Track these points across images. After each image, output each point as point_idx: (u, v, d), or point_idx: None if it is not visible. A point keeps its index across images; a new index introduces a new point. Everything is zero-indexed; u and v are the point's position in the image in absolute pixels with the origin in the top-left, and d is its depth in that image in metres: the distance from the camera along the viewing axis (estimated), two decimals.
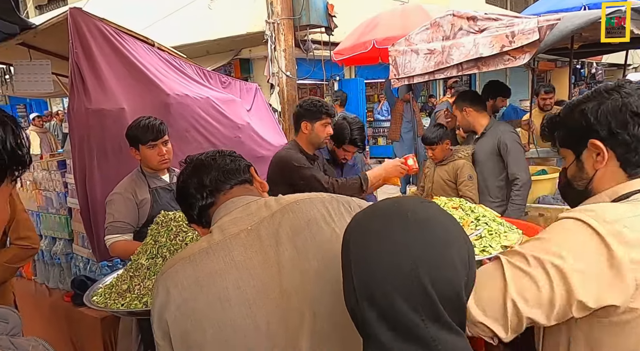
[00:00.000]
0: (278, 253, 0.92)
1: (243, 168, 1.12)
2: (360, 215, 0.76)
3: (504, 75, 12.80)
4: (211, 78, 3.48)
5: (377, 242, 0.69)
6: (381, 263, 0.67)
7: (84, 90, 2.46)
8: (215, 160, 1.11)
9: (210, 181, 1.06)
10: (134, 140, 2.20)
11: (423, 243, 0.67)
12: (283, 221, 0.96)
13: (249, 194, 1.07)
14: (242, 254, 0.92)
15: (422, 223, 0.69)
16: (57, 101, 11.90)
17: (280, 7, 4.73)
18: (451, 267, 0.68)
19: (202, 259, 0.93)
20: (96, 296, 1.69)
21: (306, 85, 9.69)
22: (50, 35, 2.88)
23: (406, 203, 0.73)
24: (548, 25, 2.49)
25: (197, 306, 0.88)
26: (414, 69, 3.16)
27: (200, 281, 0.90)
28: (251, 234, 0.95)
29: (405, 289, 0.65)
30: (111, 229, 2.16)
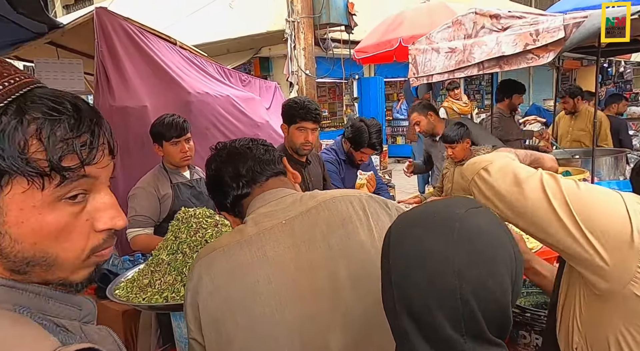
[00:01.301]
0: (311, 250, 0.92)
1: (277, 159, 1.09)
2: (404, 217, 0.72)
3: (527, 74, 12.54)
4: (231, 76, 3.52)
5: (419, 251, 0.65)
6: (422, 275, 0.64)
7: (109, 88, 2.52)
8: (250, 149, 1.07)
9: (247, 171, 1.04)
10: (158, 136, 2.25)
11: (469, 258, 0.63)
12: (319, 218, 0.95)
13: (284, 186, 1.06)
14: (274, 249, 0.92)
15: (470, 234, 0.64)
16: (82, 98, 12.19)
17: (301, 6, 4.74)
18: (499, 286, 0.63)
19: (235, 251, 0.94)
20: (118, 289, 1.73)
21: (325, 84, 9.69)
22: (76, 34, 2.96)
23: (456, 210, 0.67)
24: (574, 23, 2.43)
25: (229, 295, 0.90)
26: (433, 68, 3.12)
27: (233, 272, 0.91)
28: (285, 229, 0.95)
29: (447, 306, 0.62)
30: (133, 223, 2.21)
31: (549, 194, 0.87)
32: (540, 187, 0.89)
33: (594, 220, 0.83)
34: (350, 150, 2.85)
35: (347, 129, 2.85)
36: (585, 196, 0.87)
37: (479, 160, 1.04)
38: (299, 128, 2.13)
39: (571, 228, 0.84)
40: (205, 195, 2.47)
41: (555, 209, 0.85)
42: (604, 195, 0.88)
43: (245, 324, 0.88)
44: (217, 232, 1.71)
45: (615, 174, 3.65)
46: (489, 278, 0.63)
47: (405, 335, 0.66)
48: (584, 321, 0.90)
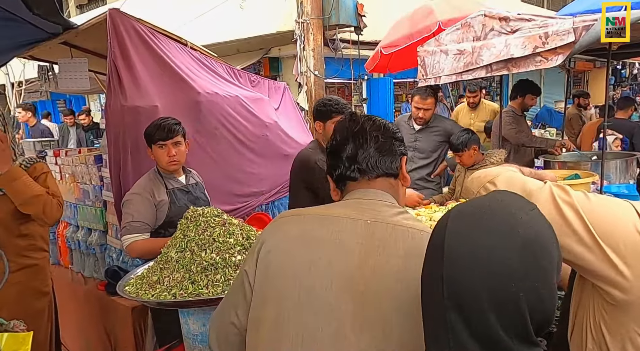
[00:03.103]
0: (378, 258, 0.93)
1: (397, 157, 1.07)
2: (460, 214, 0.71)
3: (538, 75, 12.41)
4: (241, 77, 3.55)
5: (481, 254, 0.65)
6: (481, 277, 0.64)
7: (120, 88, 2.56)
8: (377, 138, 1.05)
9: (363, 159, 1.04)
10: (147, 138, 2.22)
11: (528, 268, 0.64)
12: (403, 240, 0.95)
13: (389, 191, 1.05)
14: (349, 239, 0.95)
15: (532, 244, 0.65)
16: (94, 97, 12.36)
17: (310, 7, 4.76)
18: (549, 294, 0.65)
19: (313, 222, 1.00)
20: (128, 286, 1.77)
21: (334, 84, 9.69)
22: (90, 35, 3.01)
23: (514, 211, 0.67)
24: (584, 26, 2.43)
25: (291, 257, 0.96)
26: (442, 70, 3.13)
27: (304, 239, 0.98)
28: (366, 228, 0.97)
29: (503, 310, 0.63)
30: (130, 229, 2.13)
31: (561, 206, 0.86)
32: (551, 199, 0.88)
33: (610, 232, 0.82)
34: None
35: None
36: (598, 208, 0.86)
37: (485, 173, 1.06)
38: (334, 122, 2.27)
39: (588, 241, 0.83)
40: (201, 200, 2.42)
41: (570, 222, 0.84)
42: (615, 206, 0.87)
43: (290, 288, 0.94)
44: (225, 230, 1.75)
45: (625, 178, 3.62)
46: (543, 288, 0.64)
47: (450, 329, 0.66)
48: (598, 328, 0.89)
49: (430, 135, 3.59)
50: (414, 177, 3.62)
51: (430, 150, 3.61)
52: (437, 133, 3.60)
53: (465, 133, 3.05)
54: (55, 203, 2.16)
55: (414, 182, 3.62)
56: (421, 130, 3.59)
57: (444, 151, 3.69)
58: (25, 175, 2.09)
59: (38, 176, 2.21)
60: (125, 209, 2.20)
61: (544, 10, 11.75)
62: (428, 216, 2.11)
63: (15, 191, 2.06)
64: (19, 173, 2.07)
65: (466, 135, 3.01)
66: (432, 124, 3.58)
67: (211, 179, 2.86)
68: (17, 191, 2.06)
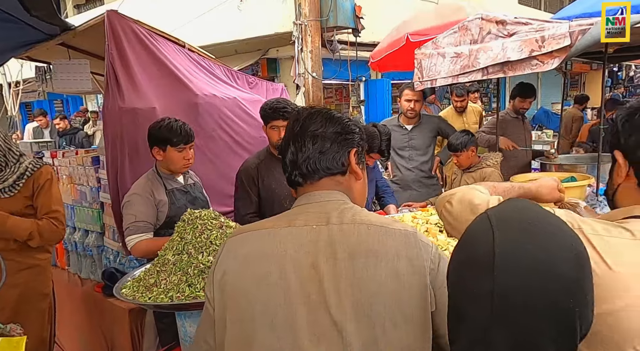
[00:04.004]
0: (327, 265, 0.90)
1: (341, 153, 1.00)
2: (508, 225, 0.65)
3: (536, 77, 12.46)
4: (238, 78, 3.56)
5: (538, 267, 0.61)
6: (539, 292, 0.60)
7: (118, 90, 2.56)
8: (316, 137, 0.99)
9: (303, 162, 0.99)
10: (163, 140, 2.21)
11: (581, 282, 0.63)
12: (348, 239, 0.91)
13: (337, 189, 1.01)
14: (297, 250, 0.92)
15: (582, 255, 0.64)
16: (91, 97, 12.34)
17: (308, 9, 4.77)
18: (592, 313, 0.65)
19: (260, 238, 0.97)
20: (125, 288, 1.77)
21: (332, 85, 9.71)
22: (87, 36, 3.01)
23: (564, 226, 0.66)
24: (580, 30, 2.44)
25: (242, 276, 0.94)
26: (438, 72, 3.14)
27: (250, 257, 0.95)
28: (313, 235, 0.93)
29: (557, 326, 0.61)
30: (134, 229, 2.13)
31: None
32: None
33: None
34: None
35: None
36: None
37: (446, 194, 1.08)
38: (271, 127, 2.31)
39: None
40: (200, 200, 2.44)
41: None
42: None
43: (245, 309, 0.92)
44: (222, 233, 1.75)
45: None
46: (591, 301, 0.64)
47: (488, 344, 0.63)
48: None
49: (423, 132, 3.70)
50: (417, 175, 3.69)
51: (426, 145, 3.73)
52: (428, 128, 3.73)
53: (465, 134, 3.08)
54: (48, 227, 2.19)
55: (417, 180, 3.67)
56: (414, 128, 3.65)
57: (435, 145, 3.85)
58: (8, 220, 2.10)
59: (41, 185, 2.22)
60: (127, 210, 2.20)
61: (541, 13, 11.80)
62: (424, 219, 2.11)
63: (4, 235, 2.13)
64: (1, 220, 2.09)
65: (466, 136, 3.04)
66: (422, 122, 3.70)
67: (209, 181, 2.87)
68: (5, 235, 2.13)
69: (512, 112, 4.12)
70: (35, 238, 2.16)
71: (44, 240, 2.20)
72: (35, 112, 8.98)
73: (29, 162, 2.23)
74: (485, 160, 3.07)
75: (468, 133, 3.12)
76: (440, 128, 3.80)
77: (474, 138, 3.13)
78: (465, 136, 3.03)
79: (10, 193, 2.14)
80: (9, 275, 2.10)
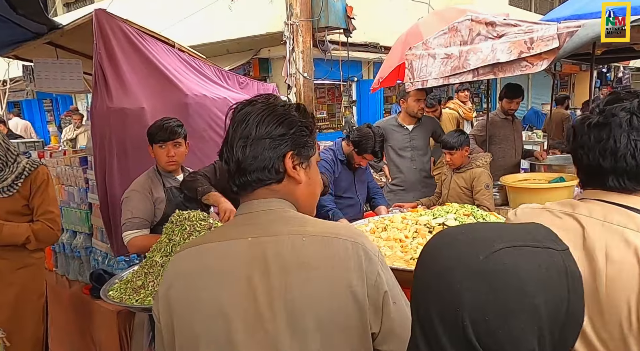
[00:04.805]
0: (261, 279, 0.86)
1: (274, 160, 0.91)
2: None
3: (526, 78, 12.58)
4: (229, 79, 3.54)
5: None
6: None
7: (106, 90, 2.53)
8: (245, 147, 0.91)
9: (235, 175, 0.93)
10: (149, 137, 2.27)
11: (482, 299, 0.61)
12: (281, 252, 0.87)
13: (276, 196, 0.94)
14: (232, 265, 0.89)
15: (493, 274, 0.61)
16: (81, 97, 12.21)
17: (300, 9, 4.76)
18: (512, 340, 0.58)
19: (202, 254, 0.93)
20: (112, 290, 1.75)
21: (324, 85, 9.71)
22: (75, 35, 2.98)
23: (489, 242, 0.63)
24: (568, 32, 2.46)
25: (182, 294, 0.91)
26: (429, 73, 3.15)
27: (192, 273, 0.91)
28: (247, 248, 0.89)
29: (451, 328, 0.59)
30: (130, 225, 2.18)
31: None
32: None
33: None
34: (351, 153, 2.88)
35: (352, 132, 2.89)
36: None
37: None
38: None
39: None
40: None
41: None
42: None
43: (187, 327, 0.90)
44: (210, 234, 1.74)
45: None
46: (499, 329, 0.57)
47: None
48: None
49: (423, 132, 3.72)
50: (420, 175, 3.72)
51: (425, 146, 3.76)
52: (427, 129, 3.75)
53: (460, 133, 3.11)
54: (43, 230, 2.22)
55: (421, 180, 3.69)
56: (415, 128, 3.66)
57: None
58: (4, 228, 2.12)
59: (38, 186, 2.24)
60: (125, 206, 2.24)
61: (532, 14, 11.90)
62: (414, 219, 2.12)
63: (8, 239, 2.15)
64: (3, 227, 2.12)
65: (462, 135, 3.08)
66: (422, 122, 3.72)
67: None
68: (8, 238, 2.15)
69: (501, 112, 4.15)
70: (32, 242, 2.20)
71: (40, 243, 2.24)
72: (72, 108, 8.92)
73: (26, 162, 2.25)
74: (474, 161, 3.09)
75: (463, 132, 3.16)
76: (435, 130, 3.82)
77: (468, 138, 3.17)
78: (462, 135, 3.07)
79: (9, 192, 2.16)
80: (5, 274, 2.16)
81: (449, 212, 2.09)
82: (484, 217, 2.08)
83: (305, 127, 0.96)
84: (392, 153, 3.69)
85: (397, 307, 0.88)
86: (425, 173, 3.77)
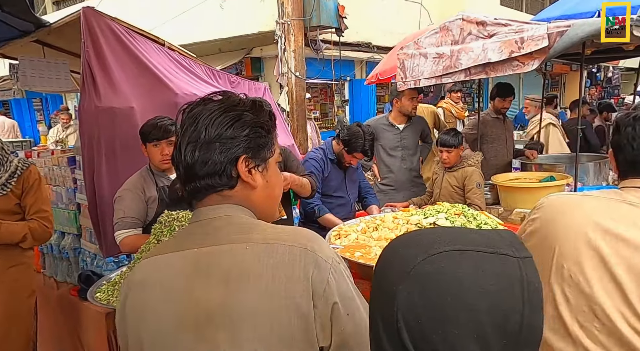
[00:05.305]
0: (205, 292, 0.82)
1: (225, 165, 0.86)
2: (398, 239, 0.66)
3: (517, 78, 12.66)
4: (220, 78, 3.52)
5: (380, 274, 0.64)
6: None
7: (95, 89, 2.50)
8: (194, 151, 0.85)
9: (185, 180, 0.89)
10: (142, 136, 2.26)
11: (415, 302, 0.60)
12: (223, 261, 0.82)
13: (227, 202, 0.89)
14: (176, 276, 0.85)
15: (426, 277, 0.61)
16: (71, 96, 12.09)
17: (291, 8, 4.75)
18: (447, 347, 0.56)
19: (153, 264, 0.90)
20: (100, 292, 1.73)
21: (317, 85, 9.70)
22: (63, 33, 2.94)
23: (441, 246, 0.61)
24: (558, 32, 2.48)
25: (131, 306, 0.90)
26: (421, 73, 3.16)
27: (142, 284, 0.89)
28: (192, 258, 0.85)
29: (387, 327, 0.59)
30: (122, 224, 2.18)
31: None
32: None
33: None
34: (342, 152, 2.87)
35: (342, 131, 2.88)
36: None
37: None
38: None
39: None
40: None
41: None
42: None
43: (135, 340, 0.89)
44: None
45: (598, 179, 3.71)
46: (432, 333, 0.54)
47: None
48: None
49: (413, 131, 3.72)
50: (411, 175, 3.72)
51: (415, 145, 3.76)
52: (417, 128, 3.75)
53: (457, 133, 3.14)
54: (39, 228, 2.25)
55: (411, 180, 3.69)
56: (405, 128, 3.65)
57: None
58: (1, 227, 2.14)
59: (30, 185, 2.26)
60: (117, 205, 2.23)
61: (523, 14, 11.98)
62: (405, 219, 2.12)
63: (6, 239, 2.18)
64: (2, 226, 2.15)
65: (459, 135, 3.11)
66: (413, 121, 3.72)
67: None
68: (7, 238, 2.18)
69: (492, 112, 4.17)
70: (28, 240, 2.22)
71: (35, 241, 2.27)
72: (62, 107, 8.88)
73: (18, 161, 2.26)
74: (466, 160, 3.10)
75: (459, 132, 3.19)
76: (424, 130, 3.83)
77: (463, 138, 3.23)
78: (459, 135, 3.11)
79: (2, 192, 2.17)
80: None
81: (440, 212, 2.09)
82: (475, 216, 2.09)
83: (261, 127, 0.89)
84: (382, 153, 3.69)
85: (352, 318, 0.81)
86: (415, 173, 3.78)
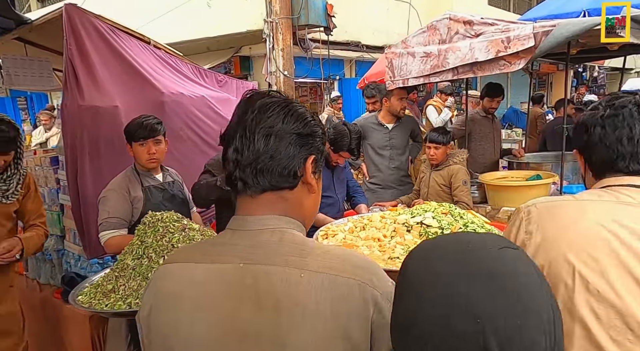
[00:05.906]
0: (247, 317, 0.75)
1: (296, 160, 0.80)
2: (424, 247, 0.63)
3: (505, 77, 12.76)
4: (207, 77, 3.48)
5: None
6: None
7: (77, 87, 2.45)
8: (269, 136, 0.78)
9: (247, 166, 0.79)
10: (128, 135, 2.23)
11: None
12: (275, 286, 0.75)
13: (279, 207, 0.82)
14: (214, 292, 0.78)
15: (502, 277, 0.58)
16: (57, 95, 11.89)
17: (279, 7, 4.72)
18: (529, 341, 0.54)
19: (182, 273, 0.82)
20: (82, 295, 1.69)
21: (307, 84, 9.68)
22: (45, 31, 2.88)
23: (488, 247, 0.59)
24: (543, 32, 2.49)
25: (160, 319, 0.83)
26: (409, 72, 3.15)
27: (170, 296, 0.82)
28: (236, 275, 0.77)
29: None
30: (106, 225, 2.15)
31: None
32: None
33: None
34: (329, 151, 2.85)
35: (328, 130, 2.86)
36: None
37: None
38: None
39: None
40: (178, 198, 2.43)
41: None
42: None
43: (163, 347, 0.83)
44: (185, 236, 1.70)
45: None
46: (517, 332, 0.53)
47: None
48: None
49: (402, 131, 3.71)
50: (398, 174, 3.71)
51: (404, 145, 3.75)
52: (407, 128, 3.74)
53: (447, 131, 3.17)
54: (44, 234, 2.33)
55: (398, 179, 3.69)
56: (394, 128, 3.65)
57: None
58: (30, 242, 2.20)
59: (30, 190, 2.29)
60: (102, 206, 2.21)
61: (510, 14, 12.09)
62: (392, 218, 2.11)
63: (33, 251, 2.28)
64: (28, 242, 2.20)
65: (449, 132, 3.16)
66: (402, 121, 3.71)
67: None
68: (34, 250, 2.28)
69: (481, 111, 4.20)
70: (37, 248, 2.28)
71: (42, 247, 2.34)
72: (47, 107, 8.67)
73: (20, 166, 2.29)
74: (452, 158, 3.11)
75: (448, 131, 3.21)
76: (414, 129, 3.83)
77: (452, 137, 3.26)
78: (448, 132, 3.13)
79: (12, 198, 2.20)
80: None
81: (427, 211, 2.09)
82: (462, 215, 2.09)
83: (324, 133, 0.86)
84: (370, 152, 3.68)
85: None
86: (404, 173, 3.78)
